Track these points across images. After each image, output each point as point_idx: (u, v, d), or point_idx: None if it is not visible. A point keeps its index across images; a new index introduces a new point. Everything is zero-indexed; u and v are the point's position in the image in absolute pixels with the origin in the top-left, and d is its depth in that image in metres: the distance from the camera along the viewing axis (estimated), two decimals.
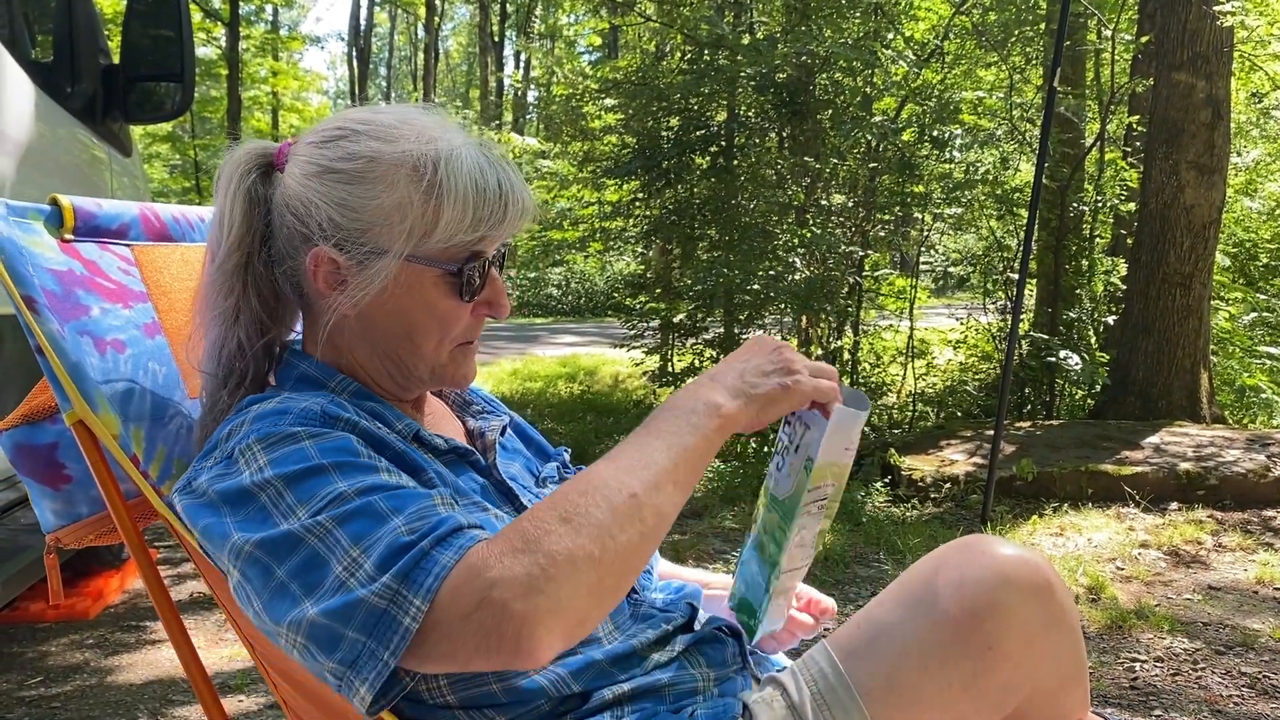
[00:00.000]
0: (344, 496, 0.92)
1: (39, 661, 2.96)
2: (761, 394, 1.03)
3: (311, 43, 31.16)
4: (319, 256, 1.07)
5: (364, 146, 1.06)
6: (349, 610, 0.86)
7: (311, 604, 0.87)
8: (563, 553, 0.85)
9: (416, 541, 0.88)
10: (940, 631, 0.99)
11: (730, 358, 1.08)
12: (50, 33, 3.16)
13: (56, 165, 2.83)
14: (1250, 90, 10.13)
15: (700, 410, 1.00)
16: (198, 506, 0.98)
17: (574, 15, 30.13)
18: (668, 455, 0.95)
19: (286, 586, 0.89)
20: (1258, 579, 3.76)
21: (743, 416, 1.02)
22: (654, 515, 0.92)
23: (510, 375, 10.11)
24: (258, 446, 0.97)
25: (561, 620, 0.85)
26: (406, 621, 0.84)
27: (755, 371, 1.05)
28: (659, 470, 0.94)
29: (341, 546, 0.88)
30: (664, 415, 1.00)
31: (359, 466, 0.96)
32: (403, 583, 0.85)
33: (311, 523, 0.90)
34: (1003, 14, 7.40)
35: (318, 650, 0.87)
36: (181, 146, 20.82)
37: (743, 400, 1.02)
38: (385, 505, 0.91)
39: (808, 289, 6.06)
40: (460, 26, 46.03)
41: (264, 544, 0.91)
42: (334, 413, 1.02)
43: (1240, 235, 10.27)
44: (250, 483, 0.94)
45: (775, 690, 1.06)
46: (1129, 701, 2.75)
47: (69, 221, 1.20)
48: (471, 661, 0.86)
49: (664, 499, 0.93)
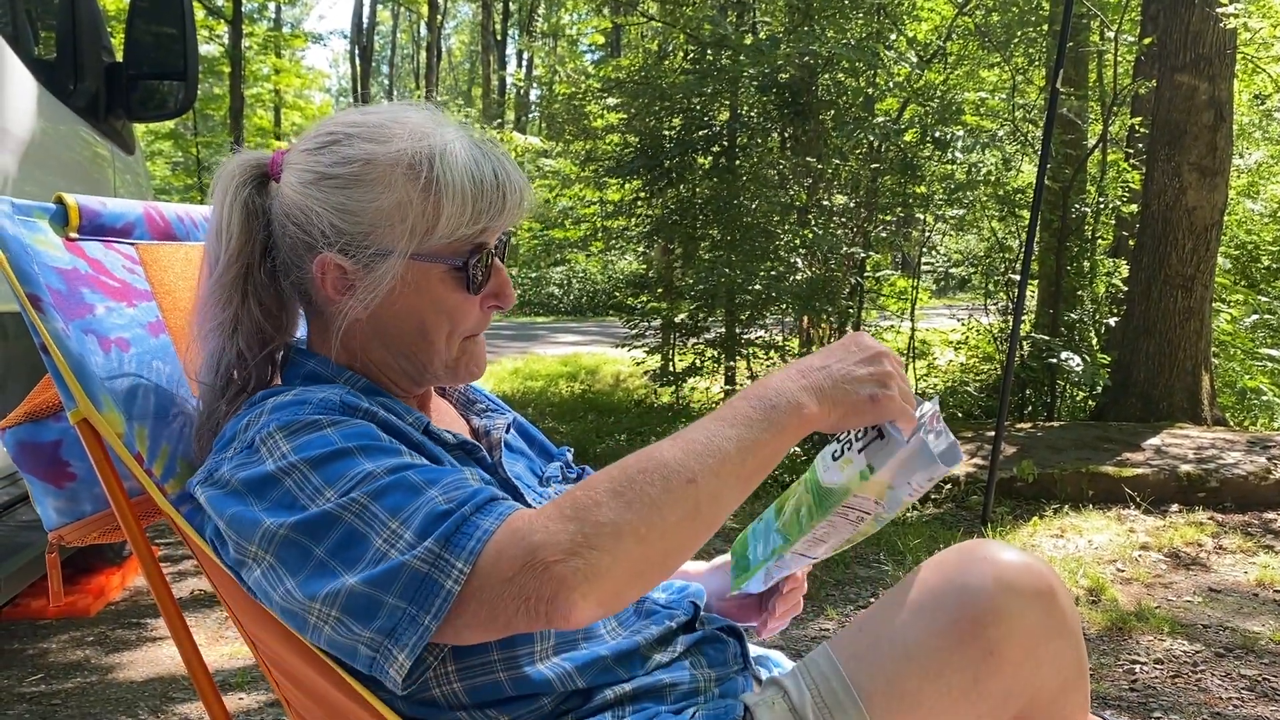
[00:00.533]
0: (373, 475, 0.92)
1: (40, 658, 2.97)
2: (849, 402, 0.99)
3: (314, 40, 31.17)
4: (325, 264, 1.07)
5: (357, 149, 1.06)
6: (390, 576, 0.86)
7: (352, 575, 0.88)
8: (609, 524, 0.86)
9: (456, 509, 0.89)
10: (942, 636, 0.99)
11: (826, 352, 1.03)
12: (54, 30, 3.16)
13: (59, 163, 2.84)
14: (1253, 92, 10.12)
15: (783, 406, 0.96)
16: (222, 496, 0.98)
17: (576, 14, 30.13)
18: (737, 446, 0.93)
19: (326, 564, 0.90)
20: (1258, 581, 3.76)
21: (824, 421, 0.98)
22: (710, 504, 0.91)
23: (512, 374, 10.12)
24: (279, 434, 0.97)
25: (598, 589, 0.85)
26: (449, 585, 0.85)
27: (848, 376, 1.00)
28: (724, 459, 0.92)
29: (380, 520, 0.89)
30: (744, 402, 0.97)
31: (383, 449, 0.97)
32: (445, 546, 0.86)
33: (346, 500, 0.91)
34: (1005, 15, 7.40)
35: (353, 621, 0.88)
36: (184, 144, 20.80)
37: (829, 404, 0.98)
38: (419, 478, 0.92)
39: (809, 289, 6.06)
40: (463, 25, 46.05)
41: (300, 525, 0.91)
42: (352, 402, 1.03)
43: (1242, 237, 10.27)
44: (275, 469, 0.95)
45: (776, 692, 1.06)
46: (1129, 703, 2.75)
47: (74, 220, 1.20)
48: (511, 623, 0.86)
49: (724, 489, 0.92)
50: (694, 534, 0.91)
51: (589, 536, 0.85)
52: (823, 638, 3.15)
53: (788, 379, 0.99)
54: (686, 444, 0.92)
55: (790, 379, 0.99)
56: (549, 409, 7.86)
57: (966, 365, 8.27)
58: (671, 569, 0.92)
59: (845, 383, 0.99)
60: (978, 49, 8.11)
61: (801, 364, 1.01)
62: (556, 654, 1.06)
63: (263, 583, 0.94)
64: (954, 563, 1.04)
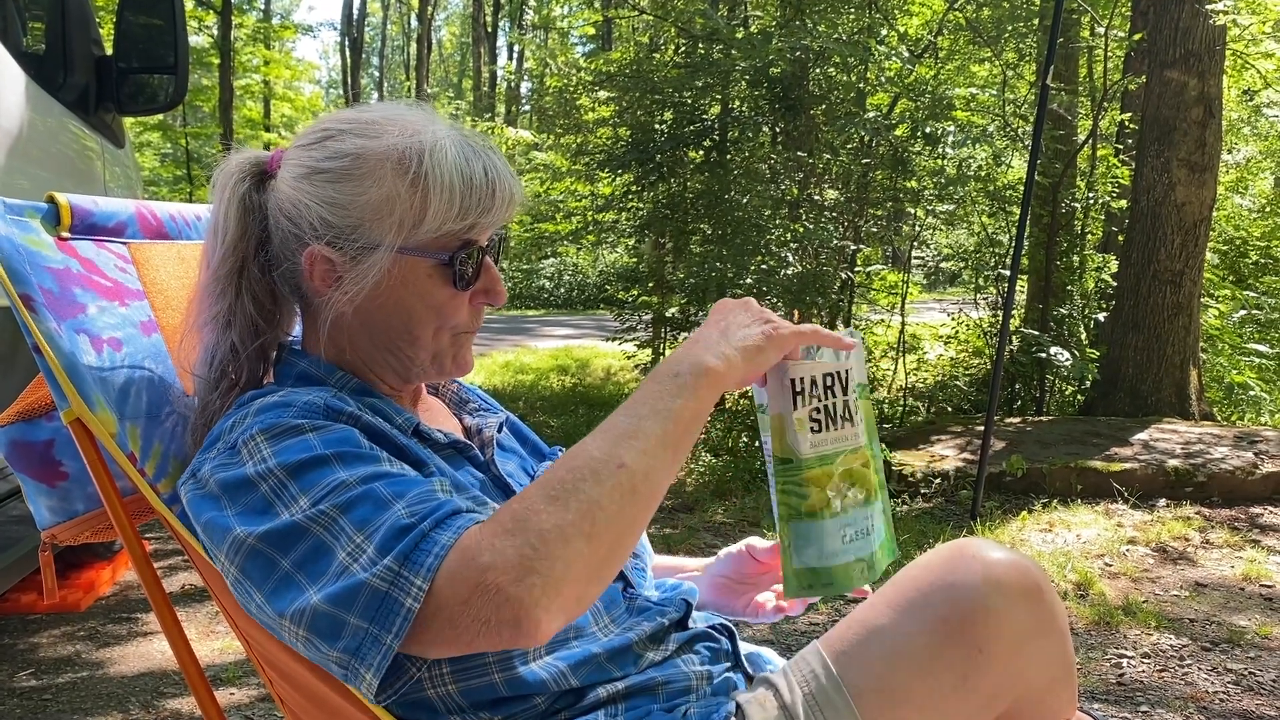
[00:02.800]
0: (346, 484, 0.92)
1: (30, 654, 2.96)
2: (749, 345, 1.04)
3: (304, 32, 31.03)
4: (313, 255, 1.08)
5: (349, 144, 1.07)
6: (351, 595, 0.86)
7: (315, 591, 0.88)
8: (552, 530, 0.86)
9: (416, 524, 0.89)
10: (931, 634, 1.00)
11: (706, 323, 1.08)
12: (43, 24, 3.15)
13: (49, 157, 2.82)
14: (1242, 88, 10.16)
15: (686, 372, 0.99)
16: (200, 498, 0.99)
17: (567, 6, 30.06)
18: (657, 422, 0.96)
19: (292, 577, 0.90)
20: (1244, 575, 3.79)
21: (733, 372, 1.02)
22: (645, 483, 0.93)
23: (502, 367, 10.11)
24: (261, 438, 0.98)
25: (559, 598, 0.85)
26: (409, 603, 0.85)
27: (736, 325, 1.06)
28: (648, 437, 0.94)
29: (346, 534, 0.89)
30: (650, 384, 1.00)
31: (361, 457, 0.97)
32: (403, 564, 0.86)
33: (315, 512, 0.91)
34: (996, 10, 7.42)
35: (320, 640, 0.88)
36: (173, 135, 20.69)
37: (730, 354, 1.02)
38: (387, 491, 0.92)
39: (800, 283, 6.07)
40: (454, 16, 45.89)
41: (267, 536, 0.91)
42: (336, 406, 1.04)
43: (1231, 233, 10.32)
44: (253, 472, 0.95)
45: (767, 690, 1.07)
46: (1116, 698, 2.77)
47: (66, 220, 1.20)
48: (475, 644, 0.86)
49: (656, 464, 0.94)
50: (637, 515, 0.93)
51: (535, 548, 0.85)
52: (813, 633, 3.17)
53: (684, 349, 1.03)
54: (606, 433, 0.95)
55: (686, 349, 1.03)
56: (540, 402, 7.86)
57: (956, 360, 8.30)
58: (626, 554, 0.94)
59: (735, 332, 1.05)
60: (968, 44, 8.14)
61: (692, 337, 1.06)
62: (550, 653, 1.06)
63: (237, 591, 0.95)
64: (943, 561, 1.04)
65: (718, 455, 5.85)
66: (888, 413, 7.26)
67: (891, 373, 7.68)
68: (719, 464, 5.57)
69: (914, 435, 5.87)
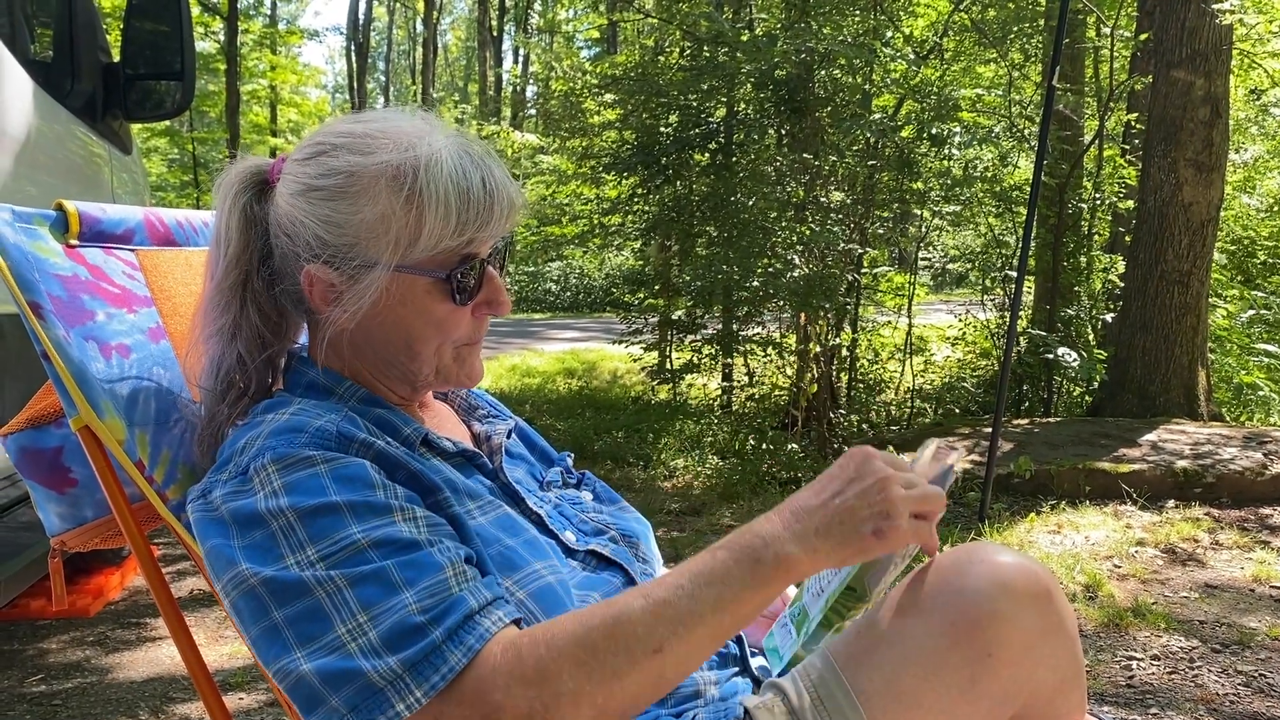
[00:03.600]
0: (357, 547, 0.91)
1: (40, 659, 2.97)
2: (850, 545, 0.94)
3: (310, 37, 31.10)
4: (311, 275, 1.08)
5: (342, 161, 1.06)
6: (343, 678, 0.86)
7: (305, 655, 0.88)
8: (568, 695, 0.86)
9: (427, 626, 0.88)
10: (940, 639, 0.99)
11: (823, 483, 0.97)
12: (50, 30, 3.16)
13: (56, 163, 2.84)
14: (1249, 88, 10.14)
15: (769, 560, 0.92)
16: (208, 522, 0.98)
17: (573, 10, 30.10)
18: (712, 607, 0.90)
19: (279, 630, 0.90)
20: (1254, 577, 3.77)
21: (818, 566, 0.95)
22: (675, 669, 0.90)
23: (509, 371, 10.12)
24: (273, 467, 0.97)
25: None
26: (399, 708, 0.85)
27: (850, 513, 0.94)
28: (697, 623, 0.90)
29: (349, 608, 0.89)
30: (728, 554, 0.93)
31: (374, 508, 0.95)
32: (408, 670, 0.86)
33: (323, 575, 0.90)
34: (1002, 11, 7.41)
35: (298, 703, 0.88)
36: (180, 140, 20.79)
37: (825, 550, 0.94)
38: (399, 575, 0.90)
39: (806, 286, 6.07)
40: (459, 20, 46.01)
41: (269, 584, 0.91)
42: (349, 433, 1.02)
43: (1238, 233, 10.29)
44: (264, 509, 0.94)
45: (775, 695, 1.06)
46: (1126, 700, 2.76)
47: (74, 227, 1.20)
48: None
49: (693, 653, 0.91)
50: (655, 696, 0.91)
51: (548, 706, 0.85)
52: None
53: (779, 524, 0.95)
54: (659, 606, 0.90)
55: (782, 523, 0.95)
56: (546, 406, 7.87)
57: (964, 361, 8.29)
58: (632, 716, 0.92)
59: (844, 522, 0.94)
60: (974, 45, 8.13)
61: (796, 502, 0.97)
62: None
63: (232, 615, 0.95)
64: (950, 565, 1.04)
65: (724, 458, 5.85)
66: (895, 415, 7.25)
67: (899, 375, 7.67)
68: (726, 467, 5.57)
69: (921, 437, 5.86)
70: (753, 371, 7.54)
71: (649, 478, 5.50)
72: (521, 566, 1.04)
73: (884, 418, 7.19)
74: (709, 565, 0.92)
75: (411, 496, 1.00)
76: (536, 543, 1.09)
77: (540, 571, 1.05)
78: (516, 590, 1.02)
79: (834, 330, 6.78)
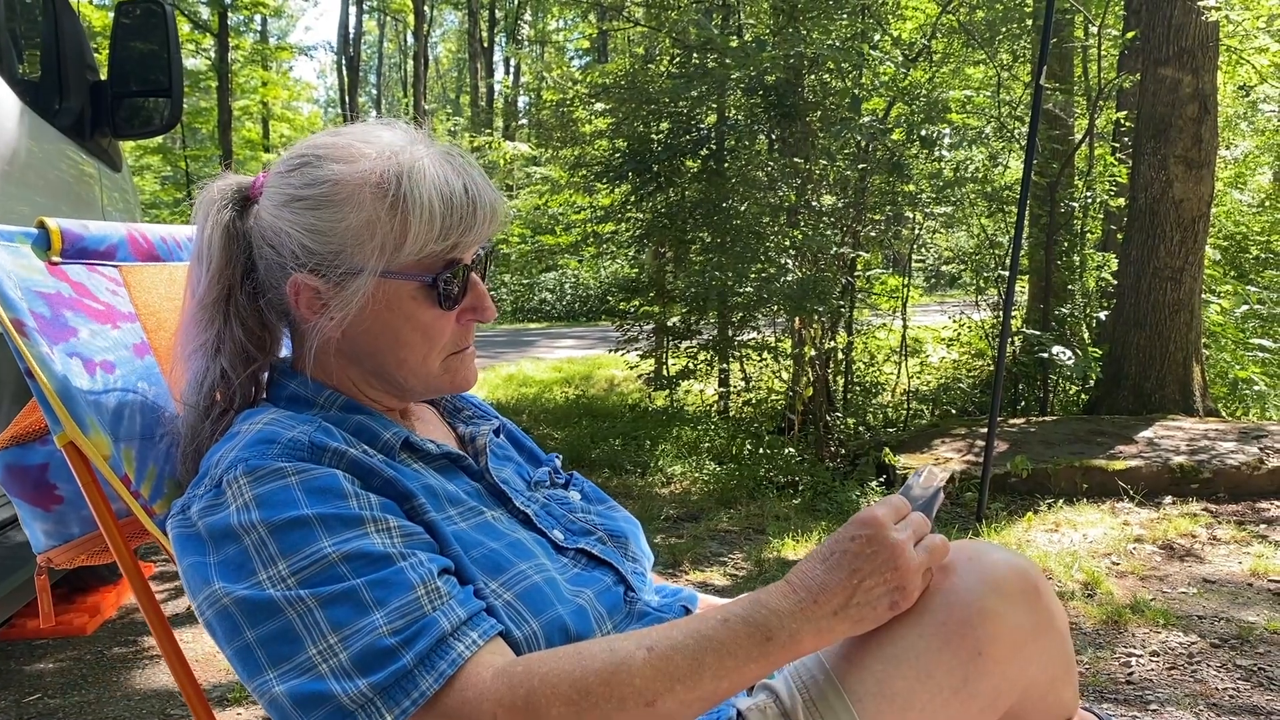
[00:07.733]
0: (328, 562, 0.92)
1: (37, 678, 2.96)
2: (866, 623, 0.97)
3: (300, 53, 31.18)
4: (297, 284, 1.08)
5: (326, 171, 1.07)
6: (316, 700, 0.87)
7: (276, 677, 0.89)
8: None
9: (398, 650, 0.88)
10: (931, 638, 0.99)
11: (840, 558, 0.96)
12: (37, 49, 3.16)
13: (46, 183, 2.83)
14: (1237, 84, 10.17)
15: (780, 640, 0.92)
16: (185, 538, 0.99)
17: (563, 20, 30.17)
18: (715, 676, 0.91)
19: (252, 650, 0.91)
20: (1252, 571, 3.77)
21: (827, 644, 0.96)
22: None
23: (505, 381, 10.12)
24: (244, 480, 0.97)
25: None
26: None
27: (866, 593, 0.95)
28: (695, 684, 0.90)
29: (320, 629, 0.89)
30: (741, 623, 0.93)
31: (345, 520, 0.96)
32: (379, 694, 0.87)
33: (293, 595, 0.91)
34: (989, 12, 7.43)
35: None
36: (172, 158, 20.81)
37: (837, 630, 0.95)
38: (369, 595, 0.91)
39: (800, 290, 6.07)
40: (450, 33, 46.07)
41: (241, 604, 0.92)
42: (321, 442, 1.02)
43: (1230, 228, 10.31)
44: (236, 523, 0.95)
45: (768, 696, 1.06)
46: (1125, 696, 2.76)
47: (56, 244, 1.20)
48: None
49: (685, 711, 0.90)
50: None
51: None
52: None
53: (794, 602, 0.94)
54: (661, 661, 0.90)
55: (798, 603, 0.94)
56: (543, 415, 7.86)
57: (959, 362, 8.30)
58: None
59: (861, 604, 0.95)
60: (962, 47, 8.14)
61: (811, 578, 0.96)
62: None
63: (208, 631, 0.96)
64: (940, 565, 1.04)
65: (722, 464, 5.84)
66: (891, 416, 7.25)
67: (894, 376, 7.67)
68: (723, 472, 5.56)
69: (918, 438, 5.86)
70: (749, 376, 7.54)
71: (647, 484, 5.49)
72: (507, 568, 1.04)
73: (880, 420, 7.20)
74: (718, 633, 0.92)
75: (387, 505, 1.01)
76: (522, 544, 1.09)
77: (527, 571, 1.05)
78: (503, 591, 1.01)
79: (829, 334, 6.79)
